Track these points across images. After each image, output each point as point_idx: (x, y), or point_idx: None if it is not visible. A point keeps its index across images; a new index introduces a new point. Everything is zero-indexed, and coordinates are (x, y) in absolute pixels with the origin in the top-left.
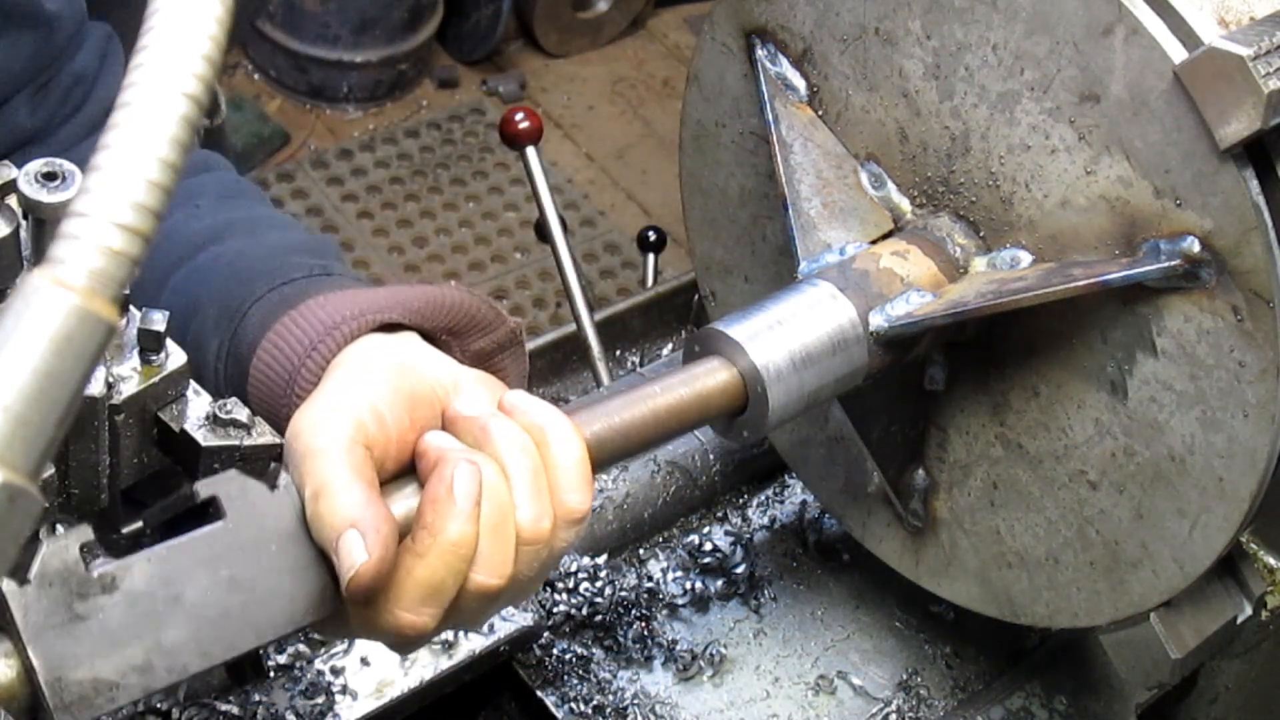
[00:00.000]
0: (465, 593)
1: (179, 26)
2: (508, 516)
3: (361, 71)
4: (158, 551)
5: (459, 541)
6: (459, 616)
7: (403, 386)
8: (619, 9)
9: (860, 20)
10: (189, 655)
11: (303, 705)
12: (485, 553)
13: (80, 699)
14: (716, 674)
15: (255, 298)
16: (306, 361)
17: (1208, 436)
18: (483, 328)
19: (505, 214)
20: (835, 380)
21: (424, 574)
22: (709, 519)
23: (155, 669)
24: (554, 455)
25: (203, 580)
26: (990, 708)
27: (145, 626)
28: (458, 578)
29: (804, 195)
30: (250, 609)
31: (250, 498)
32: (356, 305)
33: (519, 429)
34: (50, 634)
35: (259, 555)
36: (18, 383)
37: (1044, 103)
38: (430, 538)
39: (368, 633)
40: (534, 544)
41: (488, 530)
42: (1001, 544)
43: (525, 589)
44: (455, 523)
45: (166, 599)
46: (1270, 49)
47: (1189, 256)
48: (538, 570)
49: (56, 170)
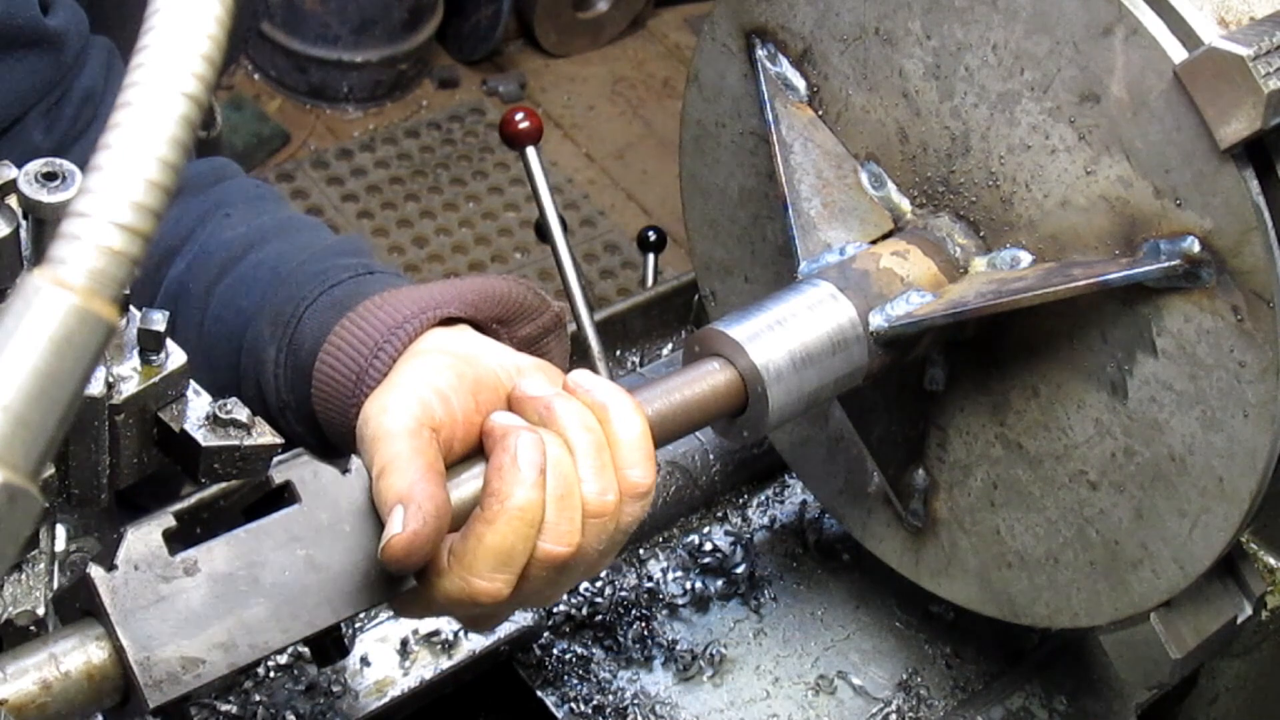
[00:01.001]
0: (534, 561)
1: (179, 27)
2: (573, 488)
3: (361, 71)
4: (237, 535)
5: (525, 507)
6: (531, 586)
7: (466, 373)
8: (619, 9)
9: (860, 20)
10: (270, 632)
11: (303, 705)
12: (552, 521)
13: (169, 676)
14: (716, 674)
15: (308, 302)
16: (374, 362)
17: (1208, 436)
18: (530, 314)
19: (505, 214)
20: (835, 380)
21: (494, 540)
22: (709, 519)
23: (238, 646)
24: (616, 431)
25: (281, 561)
26: (990, 708)
27: (227, 606)
28: (526, 544)
29: (804, 195)
30: (327, 587)
31: (323, 481)
32: (416, 303)
33: (581, 406)
34: (138, 616)
35: (334, 535)
36: (18, 383)
37: (1044, 103)
38: (498, 504)
39: (446, 606)
40: (600, 516)
41: (553, 500)
42: (1001, 544)
43: (596, 563)
44: (521, 489)
45: (247, 579)
46: (1270, 49)
47: (1189, 256)
48: (606, 544)
49: (56, 170)
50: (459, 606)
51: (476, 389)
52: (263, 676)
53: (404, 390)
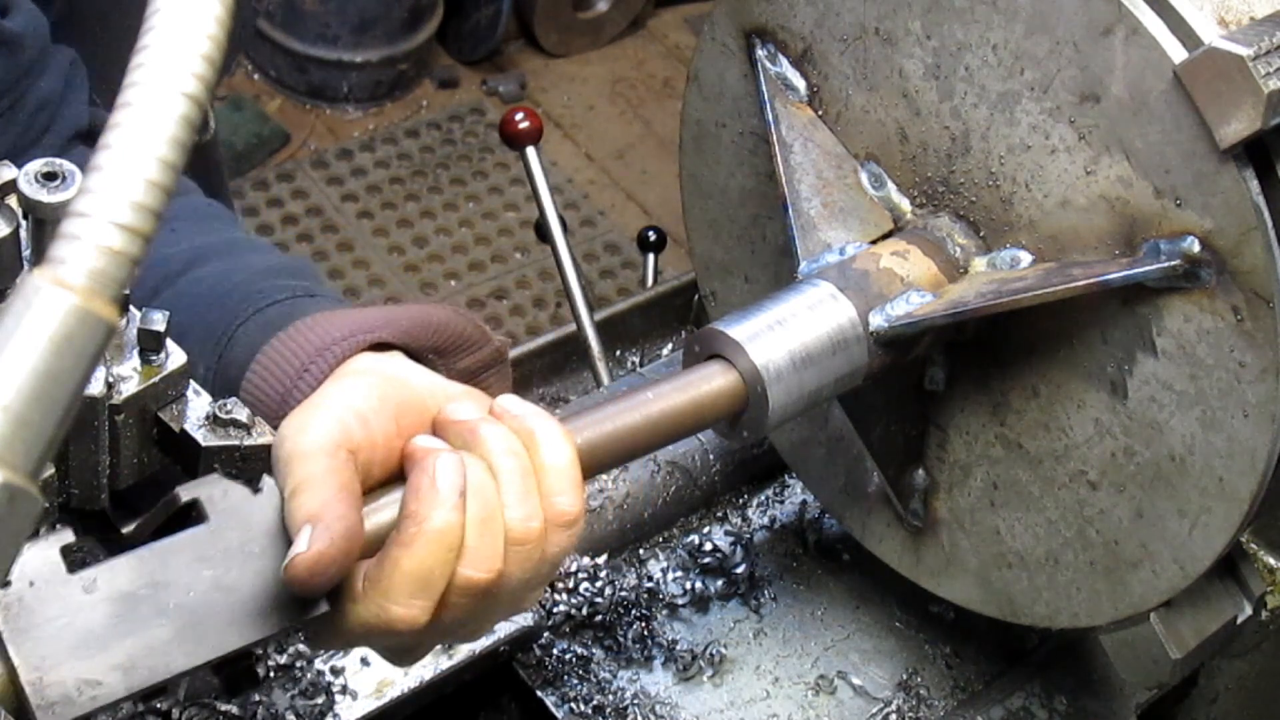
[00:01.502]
0: (454, 587)
1: (179, 27)
2: (495, 512)
3: (361, 71)
4: (140, 553)
5: (444, 529)
6: (451, 615)
7: (391, 395)
8: (619, 9)
9: (860, 20)
10: (173, 654)
11: (303, 705)
12: (472, 546)
13: (63, 698)
14: (716, 674)
15: (240, 321)
16: (299, 383)
17: (1208, 436)
18: (469, 346)
19: (505, 214)
20: (835, 380)
21: (410, 564)
22: (709, 519)
23: (138, 668)
24: (543, 458)
25: (186, 581)
26: (990, 708)
27: (128, 627)
28: (445, 568)
29: (804, 195)
30: (235, 609)
31: (233, 500)
32: (346, 326)
33: (507, 431)
34: (32, 635)
35: (243, 556)
36: (18, 383)
37: (1044, 103)
38: (415, 526)
39: (361, 635)
40: (524, 544)
41: (474, 523)
42: (1001, 544)
43: (521, 596)
44: (440, 511)
45: (150, 599)
46: (1270, 49)
47: (1189, 256)
48: (531, 574)
49: (56, 170)
50: (375, 635)
51: (400, 413)
52: (263, 677)
53: (323, 410)
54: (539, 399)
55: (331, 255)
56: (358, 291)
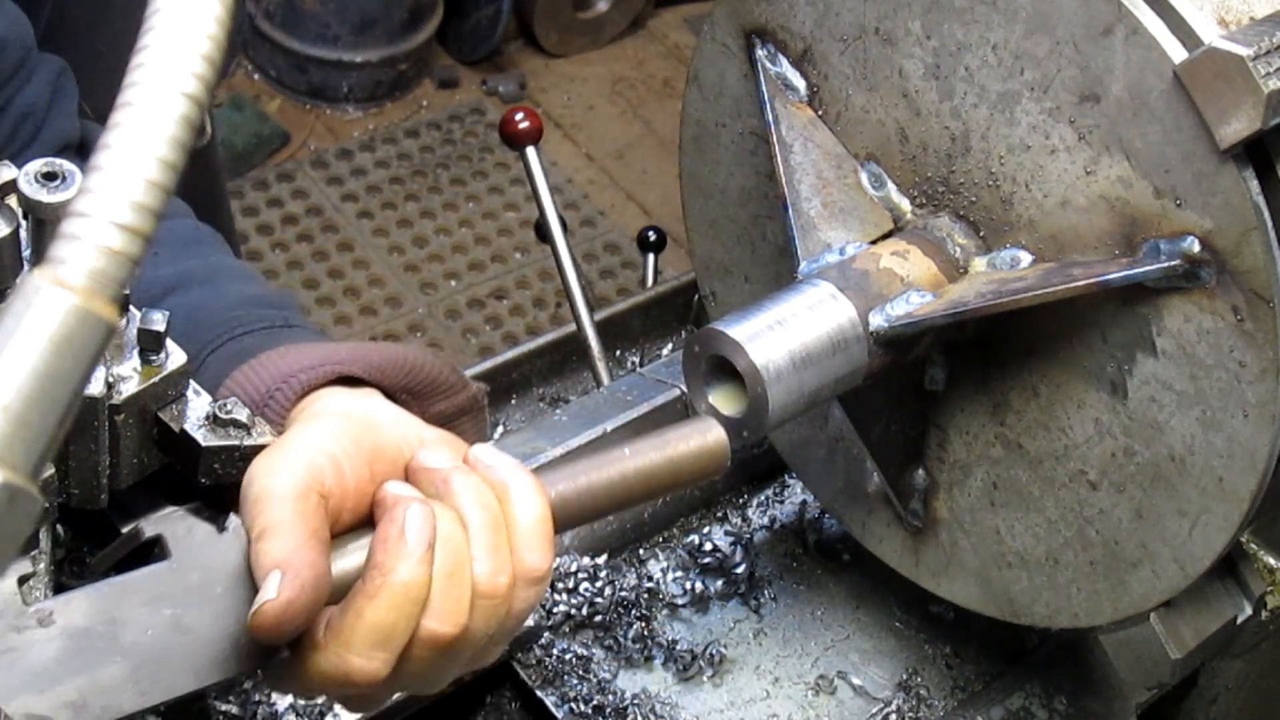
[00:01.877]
0: (417, 640)
1: (179, 27)
2: (463, 565)
3: (361, 71)
4: (99, 588)
5: (410, 583)
6: (412, 667)
7: (364, 439)
8: (619, 9)
9: (860, 20)
10: (125, 695)
11: (302, 705)
12: (437, 600)
13: None
14: (716, 674)
15: (211, 349)
16: (264, 410)
17: (1208, 436)
18: (444, 391)
19: (505, 214)
20: (835, 380)
21: (374, 616)
22: (709, 519)
23: (89, 706)
24: (514, 512)
25: (144, 619)
26: (990, 708)
27: (81, 663)
28: (409, 622)
29: (804, 195)
30: (192, 651)
31: (196, 539)
32: (315, 357)
33: (480, 482)
34: None
35: (204, 597)
36: (18, 383)
37: (1044, 103)
38: (380, 577)
39: (318, 684)
40: (490, 599)
41: (441, 577)
42: (1001, 544)
43: (485, 649)
44: (406, 564)
45: (105, 636)
46: (1270, 49)
47: (1189, 256)
48: (496, 629)
49: (56, 170)
50: (333, 685)
51: (373, 458)
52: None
53: (294, 453)
54: (539, 399)
55: (331, 255)
56: (358, 291)
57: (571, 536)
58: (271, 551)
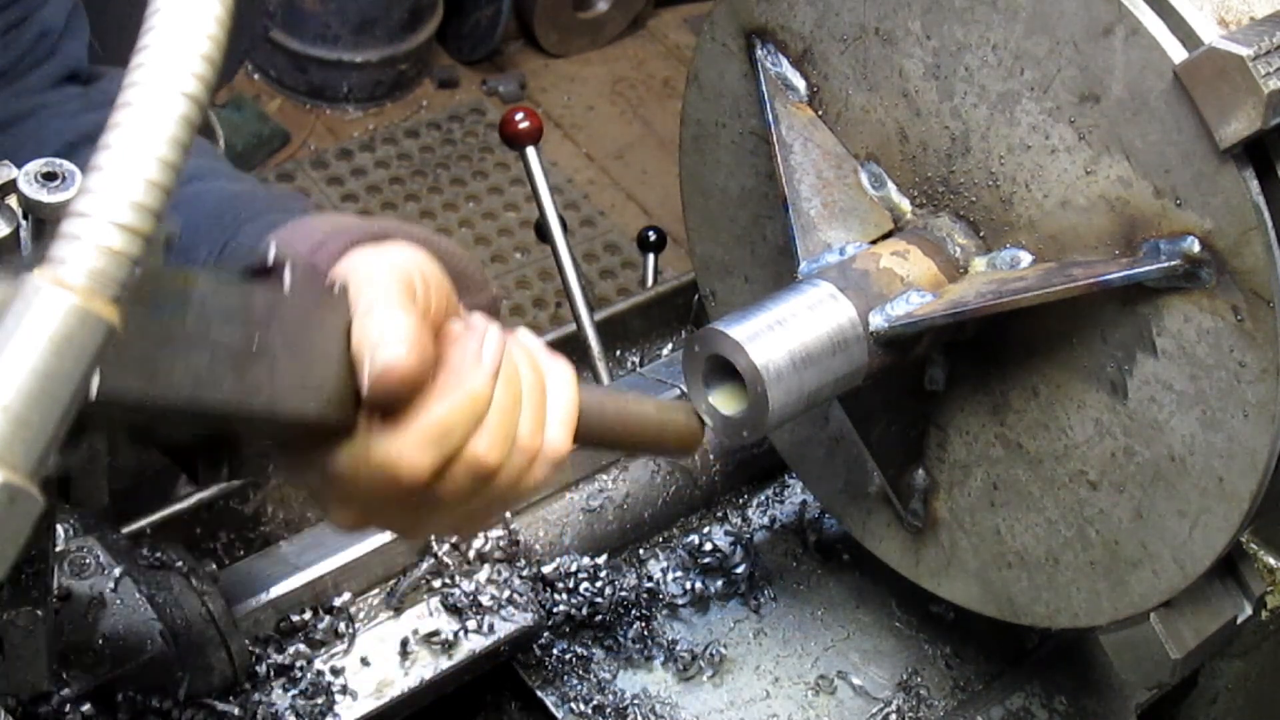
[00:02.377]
0: (462, 459)
1: (179, 26)
2: (516, 405)
3: (361, 71)
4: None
5: (477, 394)
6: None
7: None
8: (619, 9)
9: (860, 20)
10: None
11: (303, 705)
12: (491, 424)
13: None
14: (716, 674)
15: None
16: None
17: (1208, 436)
18: (469, 286)
19: (505, 214)
20: (835, 380)
21: (439, 411)
22: (709, 519)
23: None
24: (551, 391)
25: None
26: (990, 708)
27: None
28: (465, 431)
29: (804, 195)
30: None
31: (313, 285)
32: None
33: (529, 356)
34: None
35: (298, 336)
36: (18, 383)
37: (1044, 103)
38: (454, 379)
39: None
40: (524, 453)
41: (497, 407)
42: (1001, 544)
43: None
44: (480, 375)
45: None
46: (1270, 49)
47: (1189, 256)
48: (514, 485)
49: (56, 170)
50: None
51: (440, 297)
52: (263, 676)
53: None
54: None
55: None
56: None
57: (572, 536)
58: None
